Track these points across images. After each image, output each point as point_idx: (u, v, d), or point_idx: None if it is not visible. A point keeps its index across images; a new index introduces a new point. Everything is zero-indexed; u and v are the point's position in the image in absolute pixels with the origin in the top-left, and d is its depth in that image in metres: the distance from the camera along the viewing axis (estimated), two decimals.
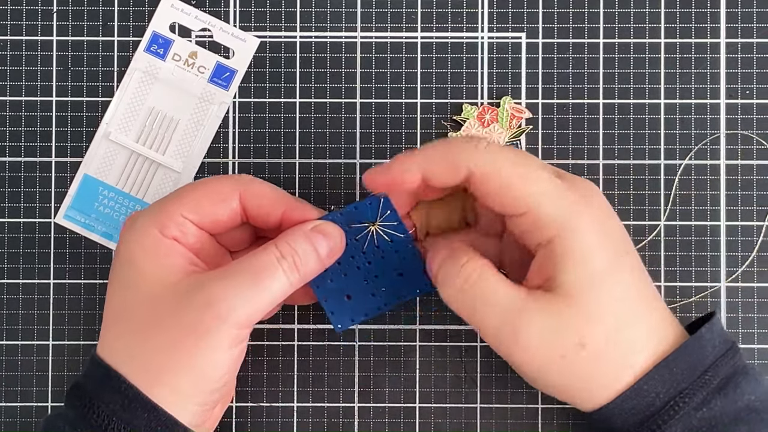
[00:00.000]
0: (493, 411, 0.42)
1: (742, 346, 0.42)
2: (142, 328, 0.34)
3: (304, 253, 0.35)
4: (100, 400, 0.33)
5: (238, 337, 0.34)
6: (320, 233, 0.35)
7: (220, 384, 0.34)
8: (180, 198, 0.36)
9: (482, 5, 0.43)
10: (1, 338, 0.42)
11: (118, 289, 0.36)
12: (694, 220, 0.42)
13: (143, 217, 0.36)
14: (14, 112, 0.43)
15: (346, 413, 0.42)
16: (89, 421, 0.33)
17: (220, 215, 0.36)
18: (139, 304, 0.34)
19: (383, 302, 0.38)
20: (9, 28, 0.43)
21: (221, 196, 0.36)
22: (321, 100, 0.43)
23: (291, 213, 0.36)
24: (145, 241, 0.35)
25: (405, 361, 0.42)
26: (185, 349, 0.33)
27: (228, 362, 0.34)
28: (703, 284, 0.42)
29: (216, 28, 0.43)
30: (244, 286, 0.33)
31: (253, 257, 0.34)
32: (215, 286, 0.33)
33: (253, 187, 0.36)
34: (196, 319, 0.33)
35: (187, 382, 0.33)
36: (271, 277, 0.34)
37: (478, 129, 0.42)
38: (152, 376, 0.33)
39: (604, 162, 0.43)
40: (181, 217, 0.35)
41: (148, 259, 0.35)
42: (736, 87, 0.43)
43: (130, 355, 0.34)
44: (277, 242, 0.35)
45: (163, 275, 0.34)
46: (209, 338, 0.33)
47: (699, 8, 0.43)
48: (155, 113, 0.43)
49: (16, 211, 0.43)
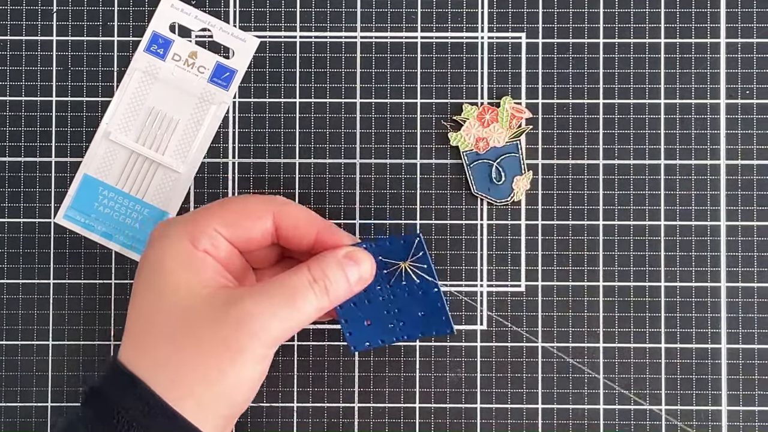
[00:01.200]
0: (493, 411, 0.42)
1: (742, 346, 0.42)
2: (172, 338, 0.34)
3: (335, 278, 0.35)
4: (121, 406, 0.33)
5: (266, 356, 0.34)
6: (352, 260, 0.36)
7: (243, 399, 0.35)
8: (214, 212, 0.36)
9: (482, 5, 0.43)
10: (1, 338, 0.42)
11: (147, 295, 0.35)
12: (694, 220, 0.42)
13: (175, 226, 0.36)
14: (14, 112, 0.43)
15: (346, 413, 0.42)
16: (109, 425, 0.33)
17: (254, 233, 0.36)
18: (170, 313, 0.34)
19: (401, 335, 0.38)
20: (9, 28, 0.43)
21: (256, 214, 0.36)
22: (321, 100, 0.43)
23: (324, 237, 0.36)
24: (177, 250, 0.35)
25: (405, 361, 0.42)
26: (215, 363, 0.33)
27: (255, 378, 0.34)
28: (703, 284, 0.42)
29: (216, 28, 0.43)
30: (278, 306, 0.34)
31: (287, 278, 0.35)
32: (250, 302, 0.34)
33: (289, 209, 0.37)
34: (230, 334, 0.33)
35: (212, 396, 0.33)
36: (304, 299, 0.34)
37: (478, 129, 0.42)
38: (179, 386, 0.33)
39: (604, 162, 0.43)
40: (214, 231, 0.35)
41: (181, 269, 0.35)
42: (736, 87, 0.43)
43: (156, 363, 0.34)
44: (310, 266, 0.35)
45: (196, 286, 0.34)
46: (241, 354, 0.33)
47: (699, 8, 0.43)
48: (155, 113, 0.43)
49: (16, 211, 0.43)
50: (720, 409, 0.42)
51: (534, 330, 0.42)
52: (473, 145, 0.42)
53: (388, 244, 0.37)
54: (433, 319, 0.37)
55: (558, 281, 0.42)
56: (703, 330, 0.42)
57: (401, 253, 0.37)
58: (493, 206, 0.42)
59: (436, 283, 0.37)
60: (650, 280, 0.42)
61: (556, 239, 0.42)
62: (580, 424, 0.42)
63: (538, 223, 0.42)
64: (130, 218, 0.42)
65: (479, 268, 0.42)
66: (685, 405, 0.42)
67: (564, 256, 0.42)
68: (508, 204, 0.42)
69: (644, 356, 0.42)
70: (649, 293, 0.42)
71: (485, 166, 0.42)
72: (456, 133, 0.42)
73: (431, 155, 0.43)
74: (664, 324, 0.42)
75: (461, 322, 0.42)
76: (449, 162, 0.43)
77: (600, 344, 0.42)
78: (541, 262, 0.42)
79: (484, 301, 0.42)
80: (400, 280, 0.37)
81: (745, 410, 0.42)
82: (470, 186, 0.42)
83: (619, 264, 0.42)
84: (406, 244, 0.37)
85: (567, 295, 0.42)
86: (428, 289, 0.37)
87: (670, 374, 0.42)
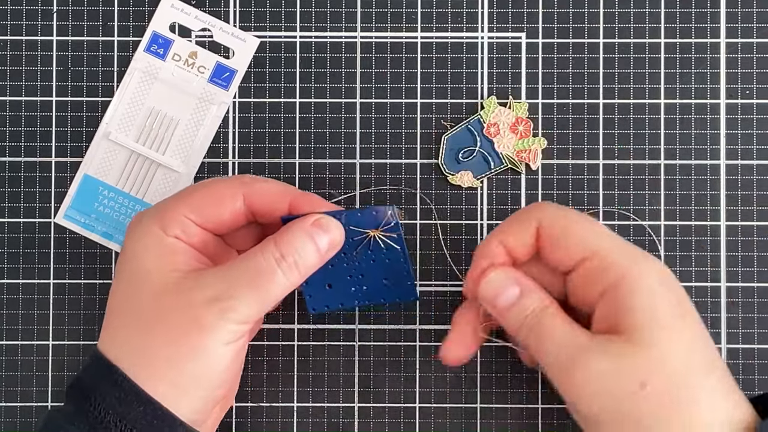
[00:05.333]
0: (493, 411, 0.42)
1: (742, 346, 0.42)
2: (144, 323, 0.34)
3: (304, 249, 0.35)
4: (97, 393, 0.34)
5: (239, 332, 0.34)
6: (320, 228, 0.36)
7: (220, 380, 0.35)
8: (182, 198, 0.36)
9: (482, 5, 0.43)
10: (1, 338, 0.42)
11: (121, 285, 0.36)
12: (694, 220, 0.42)
13: (146, 216, 0.36)
14: (14, 112, 0.43)
15: (346, 413, 0.42)
16: (86, 415, 0.33)
17: (222, 216, 0.36)
18: (142, 300, 0.35)
19: (363, 299, 0.38)
20: (9, 28, 0.43)
21: (223, 197, 0.36)
22: (321, 100, 0.43)
23: (297, 204, 0.36)
24: (147, 238, 0.35)
25: (405, 361, 0.42)
26: (186, 343, 0.33)
27: (228, 357, 0.34)
28: (704, 284, 0.42)
29: (216, 28, 0.43)
30: (243, 288, 0.34)
31: (252, 259, 0.35)
32: (216, 283, 0.34)
33: (257, 185, 0.37)
34: (197, 314, 0.33)
35: (186, 376, 0.34)
36: (270, 281, 0.34)
37: (506, 131, 0.42)
38: (152, 370, 0.34)
39: (604, 162, 0.43)
40: (183, 217, 0.36)
41: (151, 256, 0.35)
42: (736, 87, 0.43)
43: (130, 348, 0.34)
44: (277, 240, 0.35)
45: (165, 271, 0.35)
46: (210, 333, 0.33)
47: (699, 8, 0.43)
48: (155, 113, 0.43)
49: (16, 211, 0.43)
50: None
51: None
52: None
53: (359, 214, 0.37)
54: (396, 286, 0.38)
55: None
56: None
57: (371, 224, 0.37)
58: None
59: (404, 251, 0.37)
60: None
61: None
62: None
63: None
64: (130, 218, 0.42)
65: None
66: None
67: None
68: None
69: None
70: None
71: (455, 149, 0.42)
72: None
73: (431, 155, 0.43)
74: None
75: None
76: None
77: None
78: None
79: None
80: (367, 247, 0.37)
81: None
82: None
83: None
84: (377, 215, 0.37)
85: None
86: (393, 257, 0.37)
87: None
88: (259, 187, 0.37)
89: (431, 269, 0.42)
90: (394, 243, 0.37)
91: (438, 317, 0.42)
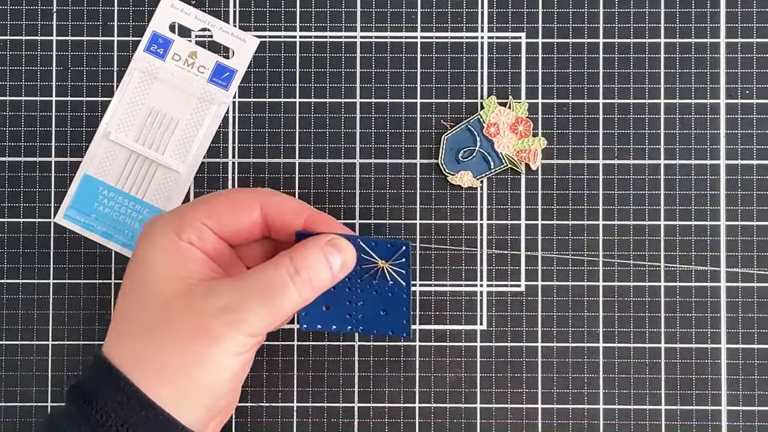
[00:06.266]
0: (493, 411, 0.42)
1: (742, 346, 0.42)
2: (153, 328, 0.34)
3: (318, 266, 0.35)
4: (99, 396, 0.33)
5: (247, 344, 0.34)
6: (335, 248, 0.36)
7: (224, 390, 0.34)
8: (199, 204, 0.36)
9: (482, 5, 0.43)
10: (1, 338, 0.42)
11: (132, 288, 0.35)
12: (694, 220, 0.42)
13: (161, 220, 0.36)
14: (14, 112, 0.43)
15: (346, 413, 0.42)
16: (88, 418, 0.33)
17: (239, 225, 0.36)
18: (152, 304, 0.34)
19: (356, 326, 0.38)
20: (9, 28, 0.43)
21: (241, 206, 0.36)
22: (321, 100, 0.43)
23: (313, 222, 0.36)
24: (160, 243, 0.35)
25: (405, 361, 0.42)
26: (194, 351, 0.33)
27: (235, 368, 0.34)
28: (704, 284, 0.42)
29: (216, 28, 0.43)
30: (255, 300, 0.34)
31: (267, 272, 0.34)
32: (228, 293, 0.34)
33: (275, 198, 0.37)
34: (207, 322, 0.33)
35: (191, 384, 0.33)
36: (282, 297, 0.34)
37: (506, 130, 0.42)
38: (157, 375, 0.33)
39: (604, 162, 0.43)
40: (199, 223, 0.35)
41: (163, 261, 0.35)
42: (736, 87, 0.43)
43: (136, 353, 0.34)
44: (292, 255, 0.35)
45: (177, 276, 0.34)
46: (219, 342, 0.33)
47: (699, 8, 0.43)
48: (155, 113, 0.43)
49: (16, 211, 0.43)
50: (720, 409, 0.42)
51: (534, 330, 0.42)
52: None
53: (374, 243, 0.37)
54: (393, 319, 0.38)
55: (558, 281, 0.42)
56: (702, 330, 0.42)
57: (383, 254, 0.37)
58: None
59: (409, 288, 0.37)
60: (650, 280, 0.42)
61: (556, 239, 0.42)
62: (580, 424, 0.42)
63: (538, 223, 0.42)
64: (130, 218, 0.42)
65: (479, 268, 0.42)
66: (685, 405, 0.42)
67: (564, 256, 0.42)
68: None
69: (644, 356, 0.42)
70: (648, 293, 0.42)
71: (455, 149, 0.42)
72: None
73: (431, 155, 0.43)
74: (664, 324, 0.42)
75: (461, 322, 0.42)
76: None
77: (600, 344, 0.42)
78: (541, 262, 0.42)
79: (484, 301, 0.42)
80: (373, 278, 0.37)
81: (745, 410, 0.42)
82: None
83: (618, 264, 0.42)
84: (392, 248, 0.37)
85: (567, 295, 0.42)
86: (398, 292, 0.37)
87: (670, 374, 0.42)
88: (277, 200, 0.37)
89: (431, 269, 0.42)
90: (401, 279, 0.37)
91: (438, 317, 0.42)
